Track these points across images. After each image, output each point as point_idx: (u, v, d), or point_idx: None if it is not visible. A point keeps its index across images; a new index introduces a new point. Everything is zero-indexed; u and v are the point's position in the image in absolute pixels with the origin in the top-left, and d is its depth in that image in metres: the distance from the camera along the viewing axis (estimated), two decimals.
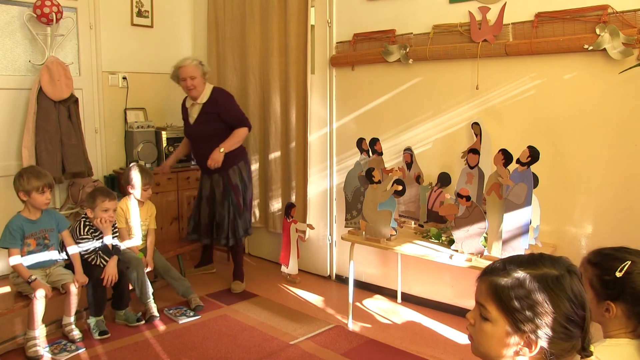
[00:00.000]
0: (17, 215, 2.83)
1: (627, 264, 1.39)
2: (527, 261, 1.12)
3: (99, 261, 3.02)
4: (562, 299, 1.05)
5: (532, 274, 1.07)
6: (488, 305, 1.10)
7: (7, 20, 3.79)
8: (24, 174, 2.84)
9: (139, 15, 4.47)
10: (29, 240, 2.82)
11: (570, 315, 1.05)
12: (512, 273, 1.09)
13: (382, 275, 3.61)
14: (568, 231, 2.77)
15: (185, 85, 3.48)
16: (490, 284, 1.11)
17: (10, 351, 2.77)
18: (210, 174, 3.60)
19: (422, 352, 2.79)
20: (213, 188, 3.64)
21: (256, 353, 2.78)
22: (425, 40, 3.16)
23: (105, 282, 2.95)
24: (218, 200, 3.63)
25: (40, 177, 2.84)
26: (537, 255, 1.14)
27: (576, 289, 1.07)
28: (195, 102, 3.54)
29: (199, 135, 3.58)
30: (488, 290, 1.11)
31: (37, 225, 2.86)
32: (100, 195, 3.08)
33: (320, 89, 3.80)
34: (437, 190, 3.02)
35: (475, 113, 3.04)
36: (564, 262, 1.11)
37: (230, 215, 3.61)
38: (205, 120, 3.52)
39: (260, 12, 4.03)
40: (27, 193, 2.80)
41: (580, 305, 1.06)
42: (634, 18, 2.45)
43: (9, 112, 3.81)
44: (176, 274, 3.46)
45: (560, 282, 1.06)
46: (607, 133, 2.61)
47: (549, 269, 1.08)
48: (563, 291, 1.05)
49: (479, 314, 1.13)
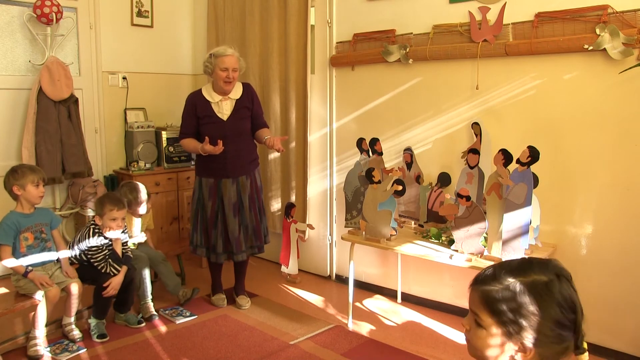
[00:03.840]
0: (11, 212, 2.83)
1: None
2: (517, 268, 1.14)
3: (109, 269, 2.96)
4: (551, 305, 1.07)
5: (522, 282, 1.10)
6: (481, 314, 1.13)
7: (7, 20, 3.79)
8: (18, 169, 2.86)
9: (139, 15, 4.47)
10: (26, 234, 2.81)
11: (560, 320, 1.07)
12: (502, 282, 1.11)
13: (382, 275, 3.61)
14: (568, 231, 2.77)
15: (226, 76, 3.14)
16: (482, 293, 1.13)
17: (10, 351, 2.77)
18: (236, 177, 3.25)
19: (422, 352, 2.79)
20: (239, 193, 3.27)
21: (256, 353, 2.78)
22: (425, 40, 3.16)
23: (105, 292, 2.90)
24: (245, 207, 3.28)
25: (36, 171, 2.87)
26: (526, 261, 1.16)
27: (565, 293, 1.09)
28: (225, 97, 3.24)
29: (236, 132, 3.23)
30: (480, 299, 1.13)
31: (32, 219, 2.86)
32: (108, 204, 2.99)
33: (320, 89, 3.80)
34: (437, 190, 3.02)
35: (475, 113, 3.04)
36: (554, 267, 1.13)
37: (254, 222, 3.33)
38: (242, 116, 3.26)
39: (260, 12, 4.03)
40: (22, 186, 2.80)
41: (570, 309, 1.08)
42: (634, 18, 2.45)
43: (9, 112, 3.82)
44: (167, 269, 3.44)
45: (549, 289, 1.08)
46: (607, 133, 2.61)
47: (538, 275, 1.10)
48: (552, 297, 1.08)
49: (474, 320, 1.15)
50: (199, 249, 3.35)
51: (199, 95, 3.28)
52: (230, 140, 3.20)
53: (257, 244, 3.38)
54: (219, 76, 3.16)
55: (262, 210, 3.41)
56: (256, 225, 3.34)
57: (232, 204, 3.24)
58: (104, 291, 2.90)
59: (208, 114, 3.23)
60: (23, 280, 2.76)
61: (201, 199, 3.30)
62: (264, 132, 3.32)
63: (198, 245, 3.35)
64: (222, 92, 3.23)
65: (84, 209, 3.97)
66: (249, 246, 3.35)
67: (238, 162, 3.24)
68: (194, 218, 3.36)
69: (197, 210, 3.32)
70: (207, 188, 3.26)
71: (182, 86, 4.72)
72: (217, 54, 3.19)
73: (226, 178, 3.23)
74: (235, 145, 3.22)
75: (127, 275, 3.03)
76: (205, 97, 3.25)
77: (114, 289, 2.94)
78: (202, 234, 3.32)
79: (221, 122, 3.22)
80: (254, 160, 3.38)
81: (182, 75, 4.77)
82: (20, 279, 2.77)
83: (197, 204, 3.32)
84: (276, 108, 3.98)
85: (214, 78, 3.22)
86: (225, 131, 3.20)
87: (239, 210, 3.28)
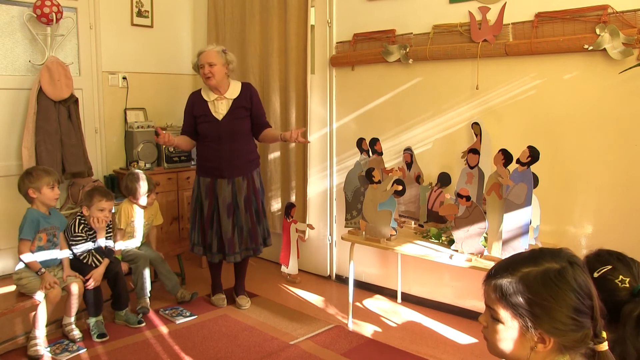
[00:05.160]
0: (31, 209, 2.83)
1: (606, 268, 1.38)
2: (528, 258, 1.13)
3: (92, 261, 3.01)
4: (566, 292, 1.06)
5: (535, 271, 1.08)
6: (497, 308, 1.11)
7: (7, 20, 3.79)
8: (32, 171, 2.87)
9: (139, 15, 4.47)
10: (40, 235, 2.83)
11: (577, 307, 1.06)
12: (514, 273, 1.10)
13: (382, 275, 3.61)
14: (568, 231, 2.77)
15: (203, 73, 3.16)
16: (495, 286, 1.12)
17: (10, 351, 2.77)
18: (232, 178, 3.22)
19: (422, 352, 2.79)
20: (235, 194, 3.25)
21: (256, 353, 2.78)
22: (425, 40, 3.16)
23: (87, 285, 2.92)
24: (241, 208, 3.26)
25: (50, 173, 2.89)
26: (537, 250, 1.15)
27: (580, 279, 1.07)
28: (221, 96, 3.23)
29: (231, 132, 3.21)
30: (494, 293, 1.12)
31: (50, 221, 2.88)
32: (97, 194, 3.05)
33: (320, 89, 3.80)
34: (437, 190, 3.02)
35: (475, 113, 3.04)
36: (565, 254, 1.11)
37: (249, 224, 3.30)
38: (238, 116, 3.23)
39: (260, 12, 4.03)
40: (38, 189, 2.81)
41: (586, 294, 1.07)
42: (634, 18, 2.45)
43: (9, 112, 3.82)
44: (166, 269, 3.44)
45: (562, 276, 1.07)
46: (607, 133, 2.61)
47: (550, 263, 1.09)
48: (567, 284, 1.06)
49: (490, 315, 1.14)
50: (197, 247, 3.36)
51: (197, 95, 3.31)
52: (225, 140, 3.20)
53: (252, 246, 3.36)
54: (201, 74, 3.21)
55: (260, 212, 3.37)
56: (252, 227, 3.32)
57: (226, 205, 3.23)
58: (86, 283, 2.92)
59: (204, 113, 3.24)
60: (26, 280, 2.76)
61: (199, 197, 3.31)
62: (272, 131, 3.33)
63: (196, 244, 3.36)
64: (216, 91, 3.23)
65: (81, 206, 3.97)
66: (243, 248, 3.33)
67: (233, 163, 3.22)
68: (192, 217, 3.37)
69: (195, 209, 3.34)
70: (204, 187, 3.27)
71: (182, 86, 4.72)
72: (198, 52, 3.26)
73: (222, 178, 3.22)
74: (231, 145, 3.21)
75: (111, 268, 3.05)
76: (203, 96, 3.26)
77: (96, 281, 2.95)
78: (200, 233, 3.33)
79: (216, 121, 3.22)
80: (253, 160, 3.34)
81: (182, 75, 4.77)
82: (22, 278, 2.77)
83: (195, 202, 3.34)
84: (276, 108, 3.98)
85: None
86: (220, 131, 3.20)
87: (234, 211, 3.26)
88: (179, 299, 3.41)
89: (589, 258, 1.46)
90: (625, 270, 1.38)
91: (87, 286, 2.93)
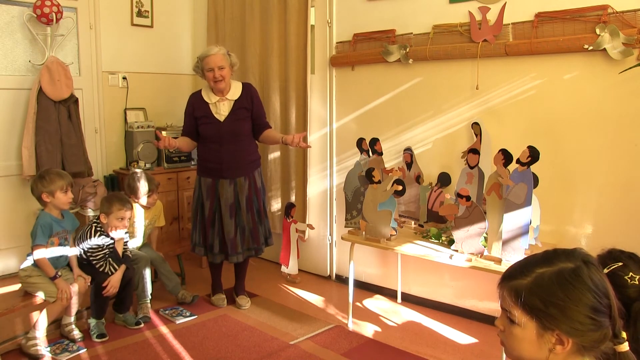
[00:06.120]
0: (44, 213, 2.82)
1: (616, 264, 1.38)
2: (542, 259, 1.12)
3: (108, 269, 2.97)
4: (583, 291, 1.05)
5: (549, 272, 1.08)
6: (513, 310, 1.11)
7: (7, 20, 3.79)
8: (45, 175, 2.84)
9: (139, 15, 4.47)
10: (53, 239, 2.81)
11: (594, 306, 1.05)
12: (529, 274, 1.10)
13: (382, 275, 3.61)
14: (568, 231, 2.77)
15: (213, 77, 3.12)
16: (511, 289, 1.12)
17: (10, 351, 2.77)
18: (233, 178, 3.21)
19: (422, 352, 2.79)
20: (237, 194, 3.24)
21: (256, 353, 2.78)
22: (425, 40, 3.16)
23: (105, 292, 2.90)
24: (242, 208, 3.26)
25: (63, 177, 2.86)
26: (551, 251, 1.14)
27: (596, 278, 1.07)
28: (223, 97, 3.21)
29: (233, 133, 3.20)
30: (510, 295, 1.11)
31: (63, 225, 2.87)
32: (117, 202, 2.98)
33: (320, 89, 3.80)
34: (437, 190, 3.02)
35: (475, 113, 3.04)
36: (579, 254, 1.11)
37: (251, 224, 3.31)
38: (240, 117, 3.22)
39: (260, 12, 4.03)
40: (51, 193, 2.79)
41: (603, 293, 1.06)
42: (634, 18, 2.45)
43: (9, 112, 3.82)
44: (167, 269, 3.44)
45: (578, 275, 1.06)
46: (607, 133, 2.61)
47: (564, 263, 1.09)
48: (583, 283, 1.05)
49: (507, 318, 1.13)
50: (198, 247, 3.35)
51: (198, 96, 3.29)
52: (227, 141, 3.20)
53: (254, 246, 3.36)
54: (208, 77, 3.16)
55: (262, 212, 3.37)
56: (254, 227, 3.32)
57: (228, 205, 3.22)
58: (104, 290, 2.90)
59: (205, 115, 3.22)
60: (35, 278, 2.76)
61: (200, 198, 3.30)
62: (272, 132, 3.33)
63: (197, 244, 3.35)
64: (219, 92, 3.22)
65: (83, 209, 3.96)
66: (245, 248, 3.33)
67: (235, 163, 3.22)
68: (193, 217, 3.37)
69: (196, 209, 3.33)
70: (205, 188, 3.26)
71: (182, 86, 4.73)
72: (202, 56, 3.19)
73: (223, 179, 3.21)
74: (233, 146, 3.21)
75: (126, 274, 3.03)
76: (204, 97, 3.25)
77: (113, 287, 2.93)
78: (201, 233, 3.32)
79: (218, 122, 3.21)
80: (254, 161, 3.34)
81: (182, 75, 4.77)
82: (30, 277, 2.77)
83: (196, 202, 3.33)
84: (276, 108, 3.98)
85: (206, 80, 3.22)
86: (222, 132, 3.19)
87: (236, 211, 3.26)
88: (179, 300, 3.41)
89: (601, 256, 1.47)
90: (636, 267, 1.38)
91: (104, 293, 2.90)
